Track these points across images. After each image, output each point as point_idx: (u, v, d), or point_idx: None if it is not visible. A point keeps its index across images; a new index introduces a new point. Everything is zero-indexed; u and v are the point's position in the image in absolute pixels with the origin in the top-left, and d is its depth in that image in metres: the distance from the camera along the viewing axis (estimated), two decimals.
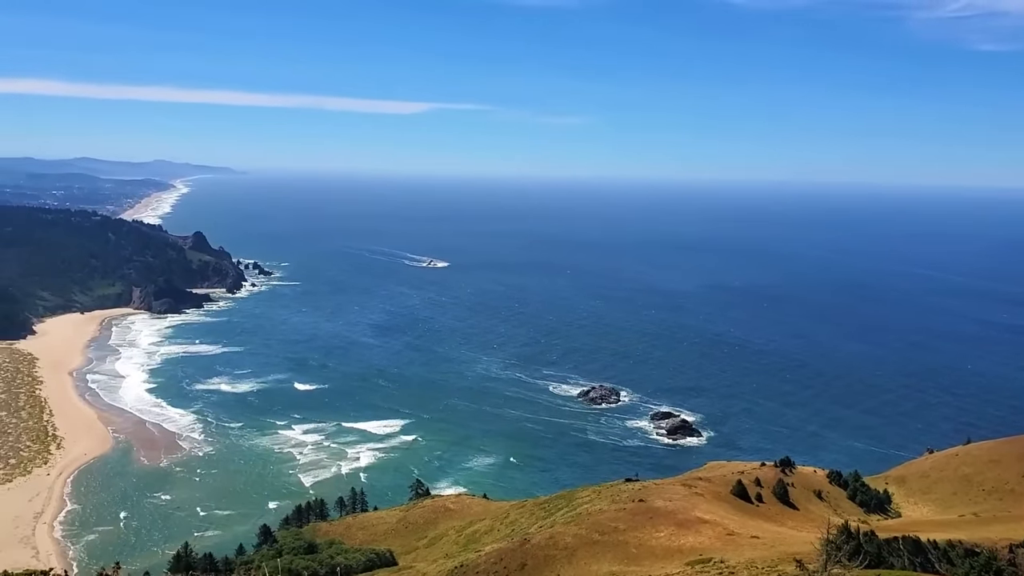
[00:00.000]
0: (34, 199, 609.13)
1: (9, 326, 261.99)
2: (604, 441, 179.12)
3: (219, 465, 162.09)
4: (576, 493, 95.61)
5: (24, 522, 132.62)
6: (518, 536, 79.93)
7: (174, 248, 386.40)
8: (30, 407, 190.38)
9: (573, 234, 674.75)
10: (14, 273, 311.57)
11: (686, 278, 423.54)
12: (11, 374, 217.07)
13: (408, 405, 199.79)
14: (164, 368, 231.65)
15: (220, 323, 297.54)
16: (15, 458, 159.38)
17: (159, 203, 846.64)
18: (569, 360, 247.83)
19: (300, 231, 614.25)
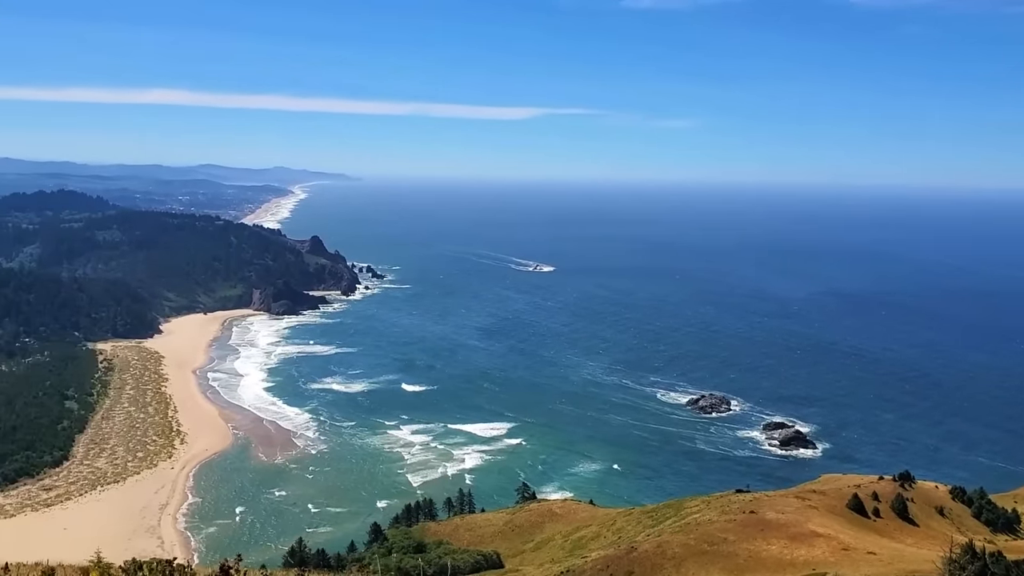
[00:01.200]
0: (162, 204, 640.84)
1: (138, 325, 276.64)
2: (713, 450, 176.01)
3: (331, 463, 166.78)
4: (684, 502, 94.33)
5: (151, 512, 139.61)
6: (625, 544, 79.36)
7: (292, 252, 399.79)
8: (156, 403, 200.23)
9: (681, 238, 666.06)
10: (143, 275, 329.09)
11: (797, 284, 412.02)
12: (140, 371, 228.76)
13: (513, 408, 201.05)
14: (281, 367, 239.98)
15: (334, 324, 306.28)
16: (143, 451, 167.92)
17: (278, 208, 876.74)
18: (676, 367, 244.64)
19: (411, 235, 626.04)
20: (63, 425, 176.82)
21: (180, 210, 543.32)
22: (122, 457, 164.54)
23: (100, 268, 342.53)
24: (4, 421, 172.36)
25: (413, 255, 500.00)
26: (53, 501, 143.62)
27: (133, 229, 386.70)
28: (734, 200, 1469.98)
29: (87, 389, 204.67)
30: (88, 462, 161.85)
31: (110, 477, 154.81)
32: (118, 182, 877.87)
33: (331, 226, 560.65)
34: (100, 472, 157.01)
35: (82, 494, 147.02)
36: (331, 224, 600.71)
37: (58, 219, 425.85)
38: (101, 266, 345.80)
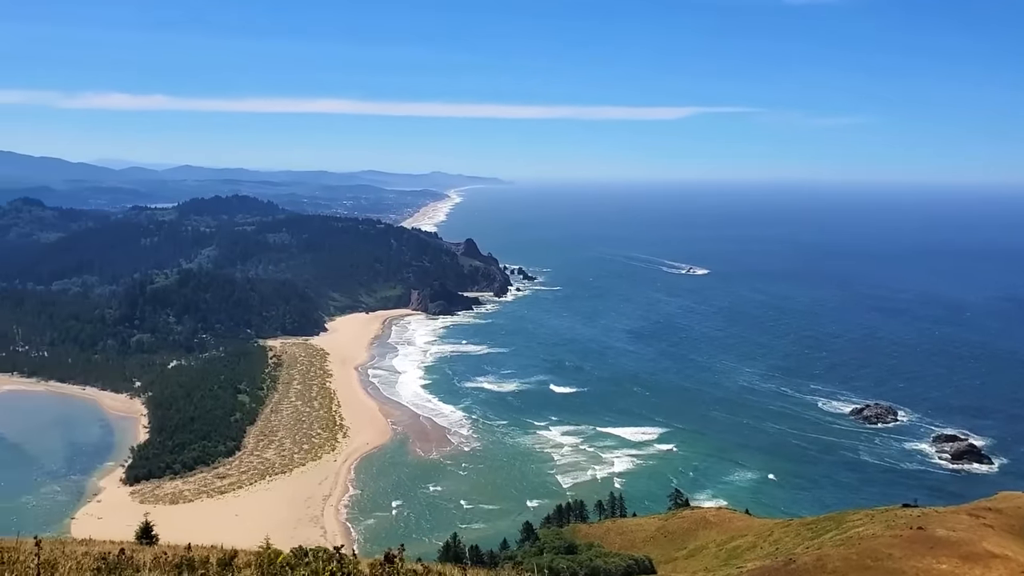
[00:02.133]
0: (327, 208, 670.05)
1: (306, 323, 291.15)
2: (877, 462, 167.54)
3: (483, 461, 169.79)
4: (846, 515, 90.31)
5: (315, 503, 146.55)
6: (782, 555, 76.82)
7: (448, 254, 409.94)
8: (321, 398, 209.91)
9: (844, 242, 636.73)
10: (310, 276, 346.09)
11: (969, 288, 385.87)
12: (307, 367, 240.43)
13: (663, 413, 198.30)
14: (436, 366, 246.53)
15: (487, 325, 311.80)
16: (308, 444, 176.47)
17: (435, 212, 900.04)
18: (838, 374, 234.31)
19: (562, 238, 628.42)
20: (236, 417, 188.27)
21: (344, 214, 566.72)
22: (289, 449, 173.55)
23: (271, 269, 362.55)
24: (183, 412, 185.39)
25: (564, 257, 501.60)
26: (226, 489, 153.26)
27: (301, 232, 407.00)
28: (896, 201, 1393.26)
29: (258, 383, 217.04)
30: (258, 453, 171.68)
31: (278, 468, 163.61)
32: (287, 188, 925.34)
33: (484, 229, 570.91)
34: (269, 463, 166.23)
35: (252, 483, 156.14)
36: (484, 227, 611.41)
37: (233, 223, 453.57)
38: (271, 267, 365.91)
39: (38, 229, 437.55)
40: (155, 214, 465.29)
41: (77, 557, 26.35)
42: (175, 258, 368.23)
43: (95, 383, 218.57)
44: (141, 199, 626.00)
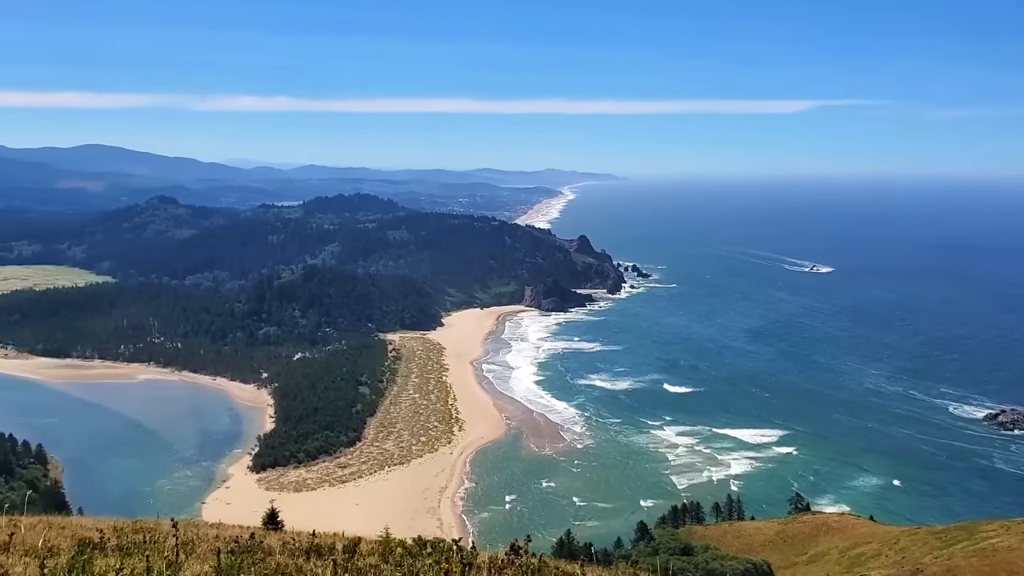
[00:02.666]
0: (444, 206, 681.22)
1: (423, 318, 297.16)
2: (1013, 471, 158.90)
3: (597, 458, 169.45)
4: (979, 525, 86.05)
5: (431, 494, 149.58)
6: (909, 564, 73.90)
7: (561, 251, 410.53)
8: (438, 391, 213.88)
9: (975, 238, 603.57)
10: (428, 272, 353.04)
11: None
12: (424, 361, 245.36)
13: (782, 415, 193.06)
14: (549, 362, 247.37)
15: (600, 322, 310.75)
16: (425, 436, 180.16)
17: (548, 209, 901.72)
18: (971, 378, 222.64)
19: (677, 234, 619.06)
20: (356, 408, 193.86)
21: (460, 212, 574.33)
22: (407, 441, 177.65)
23: (390, 265, 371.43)
24: (307, 403, 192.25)
25: (679, 254, 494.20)
26: (347, 478, 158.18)
27: (419, 229, 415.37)
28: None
29: (378, 376, 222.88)
30: (377, 444, 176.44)
31: (396, 459, 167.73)
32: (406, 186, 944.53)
33: (598, 226, 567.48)
34: (388, 454, 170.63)
35: (372, 473, 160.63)
36: (598, 223, 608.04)
37: (354, 220, 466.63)
38: (391, 263, 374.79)
39: (173, 226, 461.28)
40: (282, 212, 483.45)
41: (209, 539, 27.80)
42: (300, 254, 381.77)
43: (225, 374, 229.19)
44: (269, 197, 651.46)
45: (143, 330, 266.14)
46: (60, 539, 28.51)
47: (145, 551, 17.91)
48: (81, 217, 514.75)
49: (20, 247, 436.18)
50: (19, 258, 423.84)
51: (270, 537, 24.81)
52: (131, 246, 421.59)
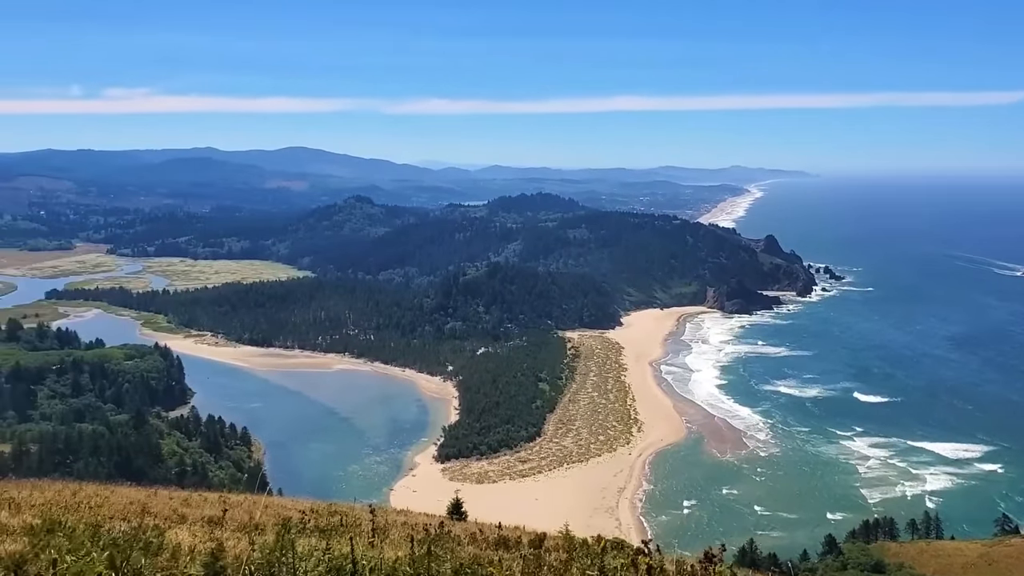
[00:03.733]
0: (624, 205, 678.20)
1: (602, 317, 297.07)
2: None
3: (781, 467, 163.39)
4: None
5: (609, 494, 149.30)
6: None
7: (746, 251, 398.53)
8: (616, 391, 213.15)
9: None
10: (607, 270, 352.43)
11: None
12: (602, 360, 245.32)
13: (987, 429, 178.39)
14: (732, 366, 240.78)
15: (787, 326, 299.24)
16: (603, 436, 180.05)
17: (733, 207, 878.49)
18: None
19: (873, 234, 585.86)
20: (536, 404, 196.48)
21: (641, 210, 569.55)
22: (585, 439, 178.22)
23: (570, 263, 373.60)
24: (490, 397, 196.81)
25: (875, 255, 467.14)
26: (527, 472, 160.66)
27: (599, 228, 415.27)
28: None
29: (557, 373, 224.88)
30: (556, 440, 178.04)
31: (575, 456, 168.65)
32: (587, 185, 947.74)
33: (787, 225, 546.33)
34: (566, 451, 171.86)
35: (551, 469, 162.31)
36: (786, 223, 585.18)
37: (536, 219, 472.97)
38: (571, 262, 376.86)
39: (368, 224, 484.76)
40: (468, 211, 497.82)
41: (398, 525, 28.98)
42: (485, 252, 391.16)
43: (413, 366, 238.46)
44: (456, 197, 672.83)
45: (339, 322, 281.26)
46: (264, 517, 30.58)
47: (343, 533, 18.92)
48: (285, 215, 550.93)
49: (231, 243, 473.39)
50: (230, 253, 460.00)
51: (456, 526, 25.66)
52: (329, 243, 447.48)
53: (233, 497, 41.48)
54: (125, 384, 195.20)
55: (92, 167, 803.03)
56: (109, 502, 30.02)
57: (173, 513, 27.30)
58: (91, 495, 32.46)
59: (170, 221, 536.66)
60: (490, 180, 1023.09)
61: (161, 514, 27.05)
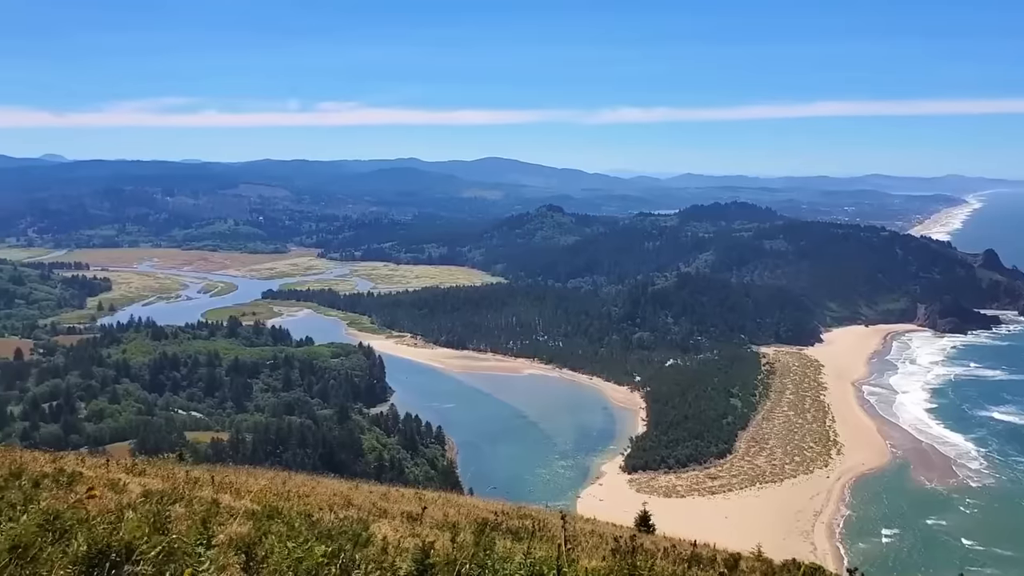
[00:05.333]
0: (826, 215, 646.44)
1: (799, 333, 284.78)
2: None
3: (998, 500, 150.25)
4: None
5: (805, 517, 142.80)
6: None
7: (963, 266, 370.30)
8: (814, 411, 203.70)
9: None
10: (806, 284, 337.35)
11: None
12: (799, 378, 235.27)
13: None
14: (942, 388, 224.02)
15: (1007, 347, 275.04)
16: (799, 456, 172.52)
17: (948, 219, 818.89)
18: None
19: None
20: (727, 420, 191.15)
21: (845, 220, 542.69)
22: (780, 459, 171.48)
23: (766, 275, 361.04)
24: (678, 410, 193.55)
25: None
26: (716, 489, 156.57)
27: (798, 239, 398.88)
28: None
29: (750, 389, 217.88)
30: (748, 458, 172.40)
31: (768, 476, 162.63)
32: (785, 193, 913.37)
33: (1008, 239, 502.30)
34: (759, 470, 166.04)
35: (742, 487, 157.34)
36: (1008, 237, 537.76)
37: (730, 229, 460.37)
38: (767, 273, 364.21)
39: (558, 233, 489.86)
40: (658, 220, 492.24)
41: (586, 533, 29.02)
42: (674, 261, 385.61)
43: (600, 374, 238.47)
44: (646, 206, 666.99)
45: (529, 328, 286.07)
46: (457, 515, 31.53)
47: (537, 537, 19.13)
48: (480, 223, 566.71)
49: (430, 249, 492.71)
50: (429, 259, 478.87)
51: (645, 539, 25.36)
52: (521, 250, 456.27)
53: (428, 494, 43.17)
54: (331, 380, 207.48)
55: (306, 176, 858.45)
56: (315, 492, 31.94)
57: (373, 507, 28.67)
58: (299, 484, 34.66)
59: (375, 227, 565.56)
60: (682, 188, 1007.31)
61: (363, 507, 28.47)
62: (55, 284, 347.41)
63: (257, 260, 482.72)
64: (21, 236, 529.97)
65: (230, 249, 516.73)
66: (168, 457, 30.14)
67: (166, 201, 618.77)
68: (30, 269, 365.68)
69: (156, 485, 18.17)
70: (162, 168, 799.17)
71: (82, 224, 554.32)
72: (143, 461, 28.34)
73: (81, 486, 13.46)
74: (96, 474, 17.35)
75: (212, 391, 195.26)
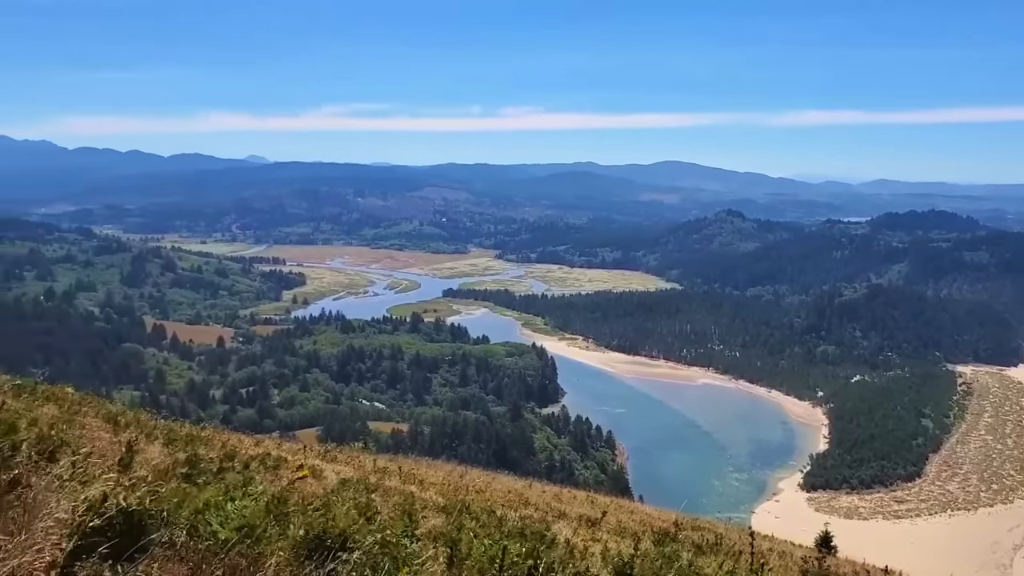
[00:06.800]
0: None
1: (1001, 352, 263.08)
2: None
3: None
4: None
5: (1002, 550, 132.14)
6: None
7: None
8: (1016, 436, 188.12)
9: None
10: (1010, 300, 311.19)
11: None
12: (999, 400, 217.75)
13: None
14: None
15: None
16: (997, 484, 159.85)
17: None
18: None
19: None
20: (917, 442, 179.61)
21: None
22: (975, 485, 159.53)
23: (964, 289, 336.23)
24: (864, 428, 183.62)
25: None
26: (903, 514, 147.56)
27: (1003, 251, 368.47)
28: None
29: (944, 410, 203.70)
30: (939, 483, 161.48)
31: (960, 503, 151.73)
32: (989, 202, 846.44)
33: None
34: (951, 496, 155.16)
35: (931, 513, 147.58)
36: None
37: (927, 239, 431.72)
38: (966, 287, 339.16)
39: (738, 239, 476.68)
40: (847, 228, 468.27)
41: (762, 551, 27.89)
42: (864, 272, 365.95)
43: (780, 387, 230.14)
44: (835, 212, 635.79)
45: (704, 336, 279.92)
46: (631, 522, 31.16)
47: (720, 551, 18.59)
48: (656, 228, 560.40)
49: (604, 253, 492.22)
50: (602, 262, 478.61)
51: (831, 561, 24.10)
52: (698, 256, 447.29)
53: (600, 498, 43.02)
54: (505, 378, 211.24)
55: (486, 179, 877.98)
56: (491, 487, 32.50)
57: (549, 508, 28.84)
58: (475, 479, 35.40)
59: (551, 230, 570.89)
60: (875, 195, 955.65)
61: (539, 506, 28.70)
62: (254, 277, 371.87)
63: (439, 260, 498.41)
64: (226, 232, 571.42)
65: (414, 249, 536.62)
66: (355, 445, 31.53)
67: (357, 202, 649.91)
68: (233, 263, 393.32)
69: (348, 472, 19.01)
70: (354, 170, 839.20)
71: (280, 222, 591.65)
72: (333, 448, 29.75)
73: (285, 470, 14.27)
74: (295, 459, 18.36)
75: (394, 383, 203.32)
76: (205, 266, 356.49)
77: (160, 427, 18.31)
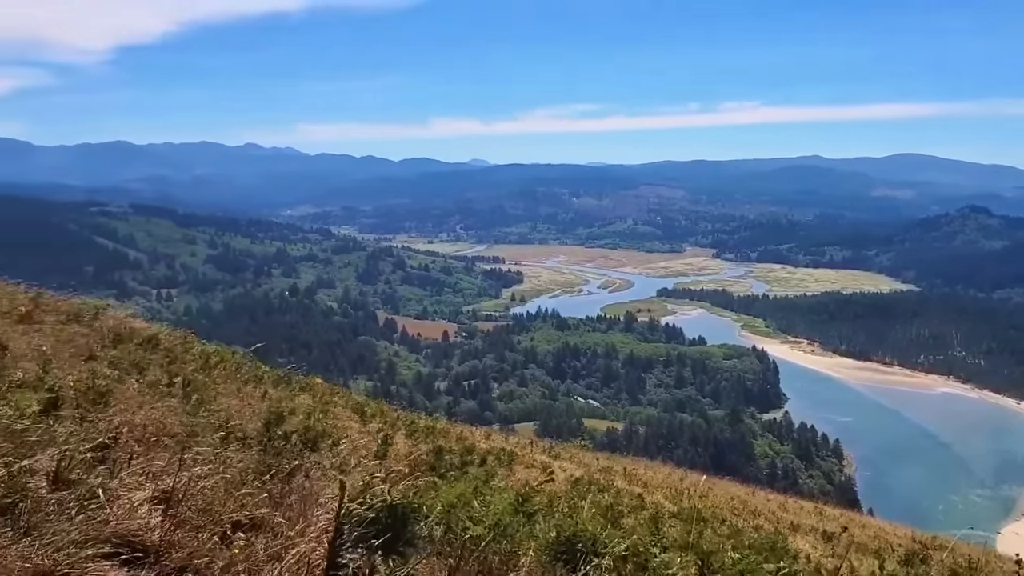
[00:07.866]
0: None
1: None
2: None
3: None
4: None
5: None
6: None
7: None
8: None
9: None
10: None
11: None
12: None
13: None
14: None
15: None
16: None
17: None
18: None
19: None
20: None
21: None
22: None
23: None
24: None
25: None
26: None
27: None
28: None
29: None
30: None
31: None
32: None
33: None
34: None
35: None
36: None
37: None
38: None
39: (983, 237, 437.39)
40: None
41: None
42: None
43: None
44: None
45: (944, 342, 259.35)
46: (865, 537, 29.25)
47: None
48: (889, 225, 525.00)
49: (831, 252, 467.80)
50: (830, 262, 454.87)
51: None
52: (937, 255, 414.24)
53: (828, 510, 40.81)
54: (722, 382, 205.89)
55: (704, 176, 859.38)
56: (712, 493, 31.66)
57: (777, 518, 27.69)
58: (694, 483, 34.63)
59: (773, 228, 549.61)
60: None
61: (766, 516, 27.62)
62: (476, 275, 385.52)
63: (653, 259, 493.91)
64: (450, 232, 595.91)
65: (628, 248, 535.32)
66: (574, 442, 31.76)
67: (572, 202, 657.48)
68: (456, 261, 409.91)
69: (573, 470, 19.14)
70: (570, 171, 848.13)
71: (500, 222, 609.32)
72: (556, 445, 30.14)
73: (518, 464, 14.55)
74: (523, 454, 18.71)
75: (608, 382, 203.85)
76: (432, 264, 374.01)
77: (401, 418, 19.26)
